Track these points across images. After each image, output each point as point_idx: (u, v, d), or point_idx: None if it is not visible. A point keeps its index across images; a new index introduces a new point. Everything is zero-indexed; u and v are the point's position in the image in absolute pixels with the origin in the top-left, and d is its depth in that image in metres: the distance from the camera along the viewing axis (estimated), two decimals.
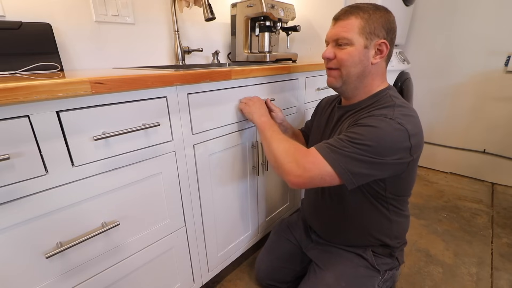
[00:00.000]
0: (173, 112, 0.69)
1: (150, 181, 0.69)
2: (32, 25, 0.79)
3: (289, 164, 0.63)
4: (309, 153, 0.63)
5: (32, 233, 0.52)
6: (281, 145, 0.68)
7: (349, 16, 0.67)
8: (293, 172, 0.62)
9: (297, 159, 0.62)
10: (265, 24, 1.28)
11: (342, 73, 0.70)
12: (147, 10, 1.10)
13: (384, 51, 0.67)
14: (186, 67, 1.22)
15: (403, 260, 0.87)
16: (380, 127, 0.59)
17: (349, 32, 0.66)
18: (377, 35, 0.66)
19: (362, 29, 0.65)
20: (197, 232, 0.85)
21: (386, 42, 0.66)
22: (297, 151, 0.64)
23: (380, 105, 0.67)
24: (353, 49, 0.67)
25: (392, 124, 0.59)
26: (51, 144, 0.50)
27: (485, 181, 1.85)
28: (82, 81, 0.49)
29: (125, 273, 0.69)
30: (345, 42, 0.67)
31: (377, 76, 0.71)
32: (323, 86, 1.27)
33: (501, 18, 1.60)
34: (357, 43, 0.66)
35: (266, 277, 0.97)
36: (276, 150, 0.68)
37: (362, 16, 0.65)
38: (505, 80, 1.66)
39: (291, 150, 0.65)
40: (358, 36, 0.66)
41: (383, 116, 0.61)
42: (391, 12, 0.69)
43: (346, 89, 0.73)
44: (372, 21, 0.65)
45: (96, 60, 0.99)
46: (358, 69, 0.68)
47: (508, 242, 1.27)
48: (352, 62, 0.68)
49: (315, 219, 0.90)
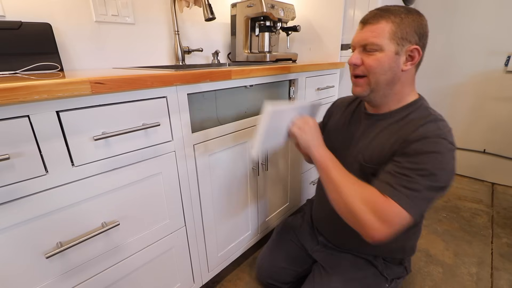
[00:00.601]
0: (173, 112, 0.69)
1: (150, 181, 0.69)
2: (32, 25, 0.79)
3: (368, 216, 0.56)
4: (389, 202, 0.56)
5: (32, 233, 0.52)
6: (354, 189, 0.60)
7: (379, 19, 0.62)
8: (375, 228, 0.56)
9: (377, 210, 0.56)
10: (265, 24, 1.28)
11: (370, 80, 0.66)
12: (147, 10, 1.10)
13: (416, 57, 0.63)
14: (186, 67, 1.22)
15: (411, 269, 0.85)
16: (441, 152, 0.57)
17: (378, 37, 0.61)
18: (409, 40, 0.62)
19: (393, 34, 0.61)
20: (197, 232, 0.85)
21: (418, 48, 0.62)
22: (375, 199, 0.57)
23: (422, 118, 0.64)
24: (383, 55, 0.62)
25: (447, 146, 0.58)
26: (51, 144, 0.50)
27: (485, 181, 1.85)
28: (82, 81, 0.49)
29: (125, 273, 0.69)
30: (374, 48, 0.62)
31: (407, 84, 0.67)
32: (323, 86, 1.27)
33: (501, 18, 1.60)
34: (387, 49, 0.62)
35: (267, 276, 0.97)
36: (349, 197, 0.59)
37: (393, 20, 0.61)
38: (505, 80, 1.66)
39: (367, 197, 0.58)
40: (388, 42, 0.61)
41: (437, 137, 0.58)
42: (423, 16, 0.64)
43: (375, 97, 0.69)
44: (404, 26, 0.61)
45: (96, 60, 0.99)
46: (388, 76, 0.64)
47: (508, 242, 1.27)
48: (381, 69, 0.63)
49: (328, 225, 0.87)
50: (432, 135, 0.59)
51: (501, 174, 1.79)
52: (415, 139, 0.60)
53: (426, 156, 0.58)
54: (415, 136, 0.61)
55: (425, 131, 0.61)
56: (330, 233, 0.87)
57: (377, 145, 0.69)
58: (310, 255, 0.91)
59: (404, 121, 0.67)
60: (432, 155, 0.57)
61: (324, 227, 0.89)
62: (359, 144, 0.74)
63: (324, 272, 0.82)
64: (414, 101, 0.69)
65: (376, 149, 0.68)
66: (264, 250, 1.01)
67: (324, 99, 1.31)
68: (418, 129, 0.62)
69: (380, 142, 0.68)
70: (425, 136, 0.60)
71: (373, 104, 0.72)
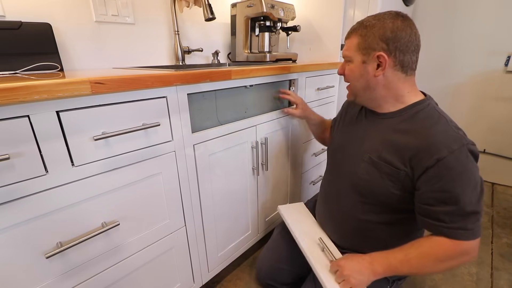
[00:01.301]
0: (173, 112, 0.69)
1: (150, 181, 0.69)
2: (32, 25, 0.79)
3: (456, 263, 0.64)
4: (460, 244, 0.62)
5: (32, 233, 0.52)
6: (432, 262, 0.64)
7: (351, 35, 0.71)
8: (469, 260, 0.64)
9: (457, 257, 0.63)
10: (265, 24, 1.27)
11: (351, 87, 0.76)
12: (147, 10, 1.10)
13: (384, 63, 0.65)
14: (186, 67, 1.22)
15: None
16: (468, 168, 0.60)
17: (349, 50, 0.71)
18: (373, 48, 0.66)
19: (358, 46, 0.69)
20: (197, 232, 0.85)
21: (382, 54, 0.65)
22: (450, 254, 0.63)
23: (430, 119, 0.65)
24: (353, 65, 0.71)
25: (467, 155, 0.60)
26: (51, 144, 0.50)
27: (485, 181, 1.85)
28: (82, 81, 0.49)
29: (125, 273, 0.69)
30: (347, 59, 0.72)
31: (394, 87, 0.69)
32: (323, 86, 1.27)
33: (501, 18, 1.60)
34: (355, 59, 0.70)
35: (266, 277, 0.97)
36: (435, 269, 0.65)
37: (360, 33, 0.68)
38: (505, 80, 1.66)
39: (449, 255, 0.63)
40: (355, 53, 0.69)
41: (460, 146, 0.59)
42: (397, 19, 0.65)
43: (361, 101, 0.76)
44: (368, 36, 0.66)
45: (96, 60, 0.99)
46: (362, 83, 0.71)
47: (508, 242, 1.27)
48: (353, 77, 0.72)
49: (332, 227, 0.86)
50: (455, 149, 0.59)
51: (501, 174, 1.79)
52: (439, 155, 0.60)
53: (459, 180, 0.60)
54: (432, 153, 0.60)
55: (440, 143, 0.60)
56: (334, 235, 0.86)
57: (386, 145, 0.69)
58: None
59: (414, 123, 0.67)
60: (462, 175, 0.60)
61: (328, 229, 0.88)
62: (367, 142, 0.75)
63: None
64: (418, 101, 0.69)
65: (387, 149, 0.69)
66: (264, 251, 1.01)
67: (324, 99, 1.32)
68: (433, 140, 0.61)
69: (389, 143, 0.69)
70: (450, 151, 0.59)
71: (369, 106, 0.77)
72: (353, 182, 0.76)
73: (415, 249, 0.66)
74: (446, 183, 0.60)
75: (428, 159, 0.60)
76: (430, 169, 0.61)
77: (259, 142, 0.98)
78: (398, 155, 0.66)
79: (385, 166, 0.68)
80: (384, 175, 0.68)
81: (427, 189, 0.62)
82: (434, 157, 0.60)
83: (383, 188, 0.69)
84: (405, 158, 0.65)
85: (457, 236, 0.61)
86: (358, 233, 0.79)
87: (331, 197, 0.86)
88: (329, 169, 0.91)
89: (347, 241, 0.83)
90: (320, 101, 1.29)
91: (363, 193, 0.74)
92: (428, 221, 0.64)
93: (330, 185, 0.88)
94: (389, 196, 0.68)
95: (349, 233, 0.81)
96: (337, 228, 0.84)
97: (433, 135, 0.62)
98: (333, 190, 0.85)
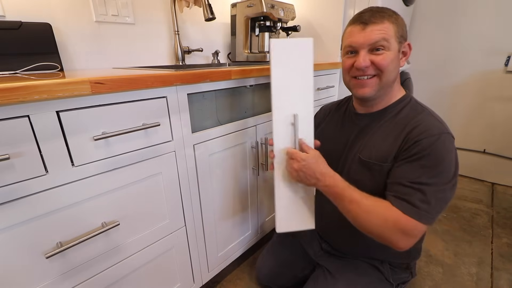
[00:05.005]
0: (173, 112, 0.69)
1: (150, 181, 0.69)
2: (32, 25, 0.79)
3: (395, 236, 0.60)
4: (412, 222, 0.58)
5: (32, 233, 0.52)
6: (376, 213, 0.61)
7: (383, 19, 0.63)
8: (402, 242, 0.60)
9: (403, 230, 0.59)
10: (265, 24, 1.28)
11: (381, 80, 0.66)
12: (147, 10, 1.10)
13: (408, 52, 0.68)
14: (186, 67, 1.22)
15: (416, 273, 0.85)
16: (447, 149, 0.59)
17: (387, 36, 0.63)
18: (405, 38, 0.66)
19: (396, 33, 0.64)
20: (197, 232, 0.85)
21: (410, 43, 0.67)
22: (399, 219, 0.59)
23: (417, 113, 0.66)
24: (390, 53, 0.64)
25: (449, 139, 0.60)
26: (51, 144, 0.50)
27: (485, 181, 1.85)
28: (82, 81, 0.49)
29: (125, 273, 0.69)
30: (383, 47, 0.63)
31: (398, 80, 0.71)
32: (323, 86, 1.27)
33: (501, 18, 1.60)
34: (393, 47, 0.64)
35: (266, 280, 0.97)
36: (370, 223, 0.61)
37: (393, 20, 0.64)
38: (505, 80, 1.66)
39: (391, 219, 0.60)
40: (394, 41, 0.64)
41: (440, 133, 0.60)
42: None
43: (378, 96, 0.69)
44: (401, 25, 0.65)
45: (96, 60, 0.99)
46: (395, 74, 0.67)
47: (508, 242, 1.27)
48: (392, 67, 0.65)
49: (333, 234, 0.85)
50: (436, 132, 0.60)
51: (501, 174, 1.79)
52: (419, 137, 0.61)
53: (435, 158, 0.59)
54: (418, 134, 0.62)
55: (427, 127, 0.62)
56: (336, 241, 0.85)
57: (375, 143, 0.69)
58: (310, 260, 0.90)
59: (399, 117, 0.68)
60: (440, 155, 0.59)
61: (329, 235, 0.87)
62: (356, 144, 0.74)
63: (329, 275, 0.80)
64: (403, 96, 0.71)
65: (375, 148, 0.69)
66: (264, 253, 1.00)
67: (324, 99, 1.32)
68: (419, 125, 0.63)
69: (378, 141, 0.69)
70: (429, 134, 0.60)
71: (370, 104, 0.72)
72: None
73: (370, 198, 0.63)
74: (427, 157, 0.59)
75: (418, 135, 0.61)
76: (417, 143, 0.61)
77: (259, 142, 0.98)
78: (386, 148, 0.66)
79: (373, 163, 0.68)
80: (375, 172, 0.68)
81: (402, 158, 0.62)
82: (424, 133, 0.61)
83: (376, 186, 0.69)
84: (393, 147, 0.65)
85: (402, 208, 0.59)
86: (360, 240, 0.77)
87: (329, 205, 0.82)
88: None
89: (350, 249, 0.82)
90: (320, 101, 1.28)
91: None
92: (386, 194, 0.64)
93: None
94: (384, 187, 0.68)
95: (352, 241, 0.80)
96: (340, 236, 0.83)
97: (420, 122, 0.63)
98: None
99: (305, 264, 0.92)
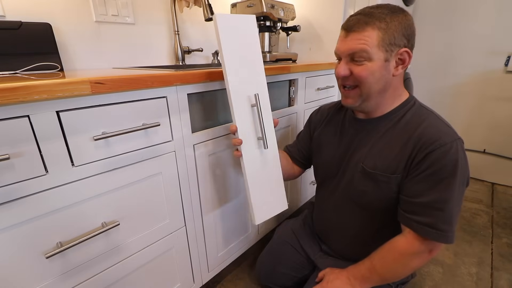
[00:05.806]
0: (173, 112, 0.69)
1: (150, 181, 0.69)
2: (32, 25, 0.79)
3: (422, 262, 0.64)
4: (440, 246, 0.62)
5: (32, 233, 0.52)
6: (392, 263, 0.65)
7: (364, 26, 0.57)
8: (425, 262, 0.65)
9: (433, 256, 0.64)
10: (265, 24, 1.28)
11: (361, 91, 0.62)
12: (147, 10, 1.10)
13: (407, 60, 0.60)
14: (186, 67, 1.21)
15: (415, 273, 0.84)
16: (461, 157, 0.58)
17: (366, 46, 0.57)
18: (398, 45, 0.58)
19: (381, 42, 0.57)
20: (197, 232, 0.85)
21: (408, 50, 0.59)
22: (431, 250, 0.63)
23: (422, 118, 0.64)
24: (372, 64, 0.58)
25: (461, 145, 0.59)
26: (51, 144, 0.50)
27: (485, 181, 1.85)
28: (82, 81, 0.49)
29: (125, 273, 0.69)
30: (362, 57, 0.59)
31: (398, 86, 0.65)
32: (323, 86, 1.27)
33: (501, 18, 1.60)
34: (376, 57, 0.58)
35: (266, 280, 0.96)
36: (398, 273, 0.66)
37: (379, 26, 0.57)
38: (505, 80, 1.66)
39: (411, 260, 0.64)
40: (377, 50, 0.57)
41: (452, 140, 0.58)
42: (409, 14, 0.61)
43: (366, 106, 0.66)
44: (391, 31, 0.57)
45: (96, 60, 0.99)
46: (380, 85, 0.61)
47: (508, 242, 1.27)
48: (373, 78, 0.60)
49: (333, 236, 0.85)
50: (448, 140, 0.58)
51: (501, 174, 1.79)
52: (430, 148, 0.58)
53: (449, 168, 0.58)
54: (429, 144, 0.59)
55: (437, 136, 0.59)
56: (336, 244, 0.85)
57: (380, 152, 0.67)
58: (310, 260, 0.89)
59: (403, 122, 0.66)
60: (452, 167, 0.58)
61: (329, 238, 0.87)
62: (358, 152, 0.71)
63: None
64: (407, 100, 0.68)
65: (380, 158, 0.66)
66: (264, 254, 0.99)
67: (324, 99, 1.32)
68: (428, 133, 0.60)
69: (382, 149, 0.67)
70: (441, 144, 0.58)
71: (366, 112, 0.70)
72: (349, 195, 0.74)
73: (377, 253, 0.66)
74: (443, 170, 0.58)
75: (429, 145, 0.58)
76: (430, 153, 0.58)
77: None
78: (393, 158, 0.64)
79: (380, 175, 0.66)
80: (381, 183, 0.66)
81: (417, 174, 0.61)
82: (436, 143, 0.58)
83: (381, 196, 0.67)
84: (401, 158, 0.63)
85: (423, 232, 0.60)
86: (360, 241, 0.77)
87: (329, 211, 0.83)
88: (321, 184, 0.87)
89: (350, 252, 0.81)
90: (320, 101, 1.29)
91: (361, 204, 0.72)
92: (402, 213, 0.64)
93: (325, 200, 0.85)
94: (388, 200, 0.67)
95: (353, 245, 0.80)
96: (340, 239, 0.83)
97: (428, 128, 0.61)
98: (330, 204, 0.83)
99: (305, 265, 0.91)
